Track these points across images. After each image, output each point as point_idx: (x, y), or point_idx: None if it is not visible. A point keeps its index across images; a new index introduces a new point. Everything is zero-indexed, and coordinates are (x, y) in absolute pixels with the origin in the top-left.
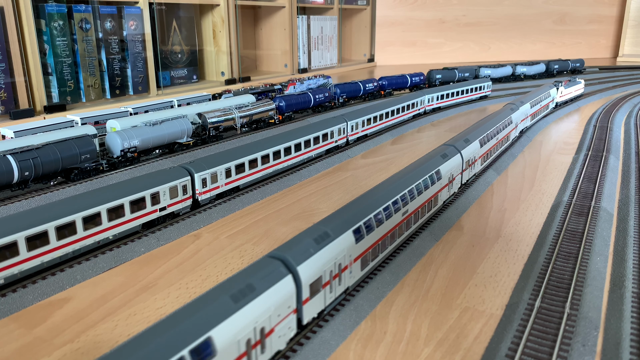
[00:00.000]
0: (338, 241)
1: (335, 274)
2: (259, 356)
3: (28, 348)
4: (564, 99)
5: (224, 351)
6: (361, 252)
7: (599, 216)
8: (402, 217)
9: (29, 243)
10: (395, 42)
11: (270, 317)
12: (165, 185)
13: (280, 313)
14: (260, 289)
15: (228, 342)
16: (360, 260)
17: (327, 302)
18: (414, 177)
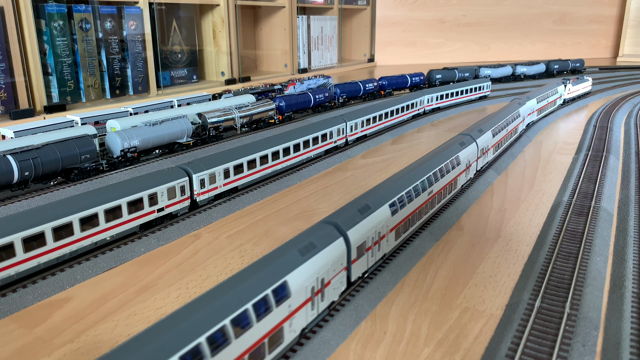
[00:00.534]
0: (378, 212)
1: (376, 240)
2: (319, 303)
3: (28, 348)
4: (571, 95)
5: (296, 294)
6: (396, 223)
7: (599, 216)
8: (427, 197)
9: (25, 244)
10: (395, 42)
11: (328, 270)
12: (163, 186)
13: (335, 268)
14: (320, 246)
15: (299, 287)
16: (394, 231)
17: (369, 265)
18: (437, 161)
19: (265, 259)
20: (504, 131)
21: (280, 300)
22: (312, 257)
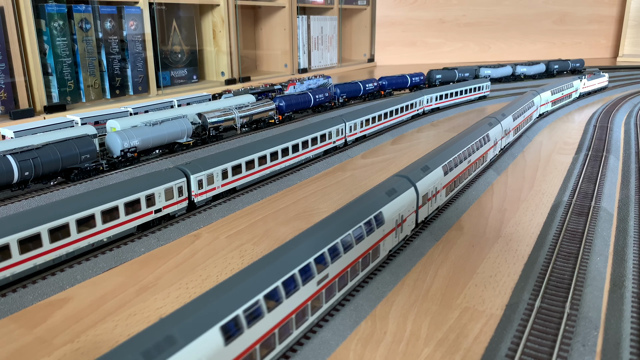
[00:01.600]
0: (435, 172)
1: (434, 193)
2: (400, 233)
3: (28, 348)
4: (587, 89)
5: (388, 222)
6: (447, 182)
7: (599, 216)
8: (467, 164)
9: (21, 246)
10: (395, 42)
11: (405, 209)
12: (160, 186)
13: (410, 209)
14: (400, 191)
15: (389, 217)
16: (446, 189)
17: (429, 212)
18: (472, 137)
19: (364, 197)
20: (521, 117)
21: (379, 224)
22: (395, 198)
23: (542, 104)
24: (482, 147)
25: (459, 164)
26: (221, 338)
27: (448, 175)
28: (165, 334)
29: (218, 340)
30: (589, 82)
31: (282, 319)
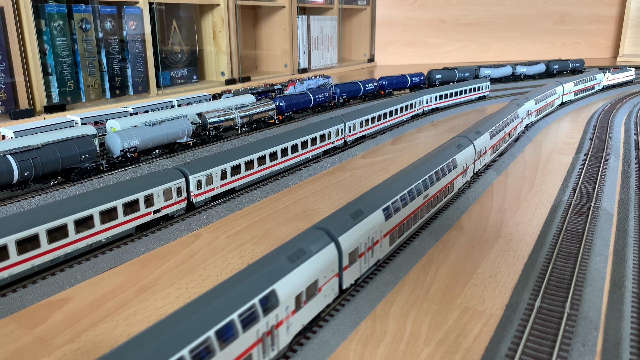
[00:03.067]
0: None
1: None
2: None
3: (28, 348)
4: (611, 82)
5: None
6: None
7: (599, 216)
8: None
9: (19, 246)
10: (395, 42)
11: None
12: (159, 187)
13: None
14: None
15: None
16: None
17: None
18: (509, 111)
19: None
20: (543, 101)
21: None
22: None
23: (564, 93)
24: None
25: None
26: None
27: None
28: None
29: None
30: (613, 75)
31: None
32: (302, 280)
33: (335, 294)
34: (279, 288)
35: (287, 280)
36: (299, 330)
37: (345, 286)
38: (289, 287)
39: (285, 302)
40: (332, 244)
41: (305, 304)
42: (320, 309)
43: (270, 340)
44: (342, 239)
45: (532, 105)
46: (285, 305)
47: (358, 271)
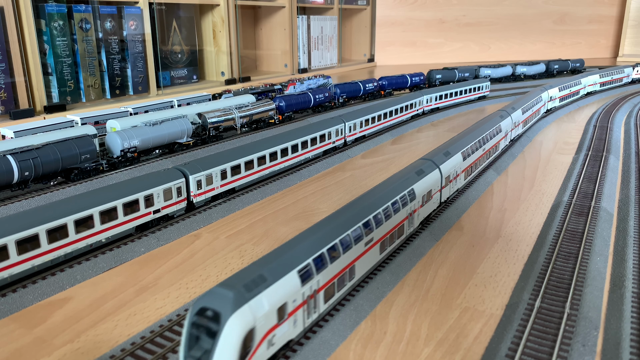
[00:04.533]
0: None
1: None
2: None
3: (28, 348)
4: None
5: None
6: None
7: (599, 216)
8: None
9: (19, 247)
10: (395, 42)
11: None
12: (159, 187)
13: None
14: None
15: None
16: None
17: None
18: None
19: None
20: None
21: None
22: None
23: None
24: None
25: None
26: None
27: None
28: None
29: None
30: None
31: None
32: (424, 187)
33: (437, 204)
34: (416, 188)
35: (419, 184)
36: (423, 219)
37: (442, 200)
38: (419, 189)
39: (418, 198)
40: (437, 170)
41: (426, 203)
42: (431, 210)
43: (413, 218)
44: (442, 167)
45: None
46: (418, 200)
47: (448, 191)
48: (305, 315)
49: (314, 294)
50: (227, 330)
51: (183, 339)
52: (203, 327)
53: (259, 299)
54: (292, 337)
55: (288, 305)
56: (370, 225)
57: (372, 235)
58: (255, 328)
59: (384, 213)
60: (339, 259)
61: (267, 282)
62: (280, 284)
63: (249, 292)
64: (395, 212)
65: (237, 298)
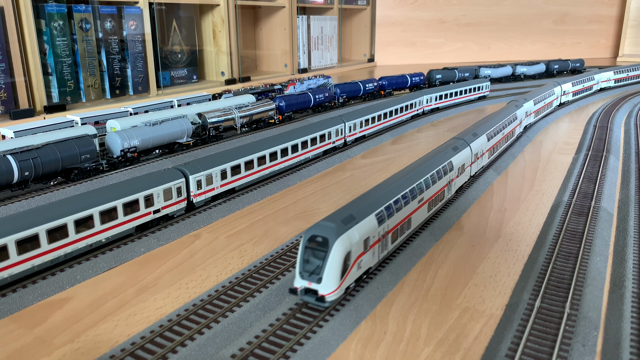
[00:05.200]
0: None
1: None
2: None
3: (28, 348)
4: None
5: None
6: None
7: (599, 216)
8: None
9: (19, 246)
10: (395, 42)
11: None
12: (159, 187)
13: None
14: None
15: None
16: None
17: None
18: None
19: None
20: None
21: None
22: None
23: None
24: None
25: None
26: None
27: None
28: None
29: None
30: None
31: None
32: (459, 160)
33: (468, 177)
34: (453, 161)
35: (455, 158)
36: (457, 188)
37: (472, 174)
38: (456, 162)
39: (455, 169)
40: (468, 147)
41: (460, 175)
42: (463, 181)
43: (451, 186)
44: (472, 145)
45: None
46: (454, 171)
47: (476, 167)
48: (380, 250)
49: (385, 235)
50: (334, 251)
51: (298, 259)
52: (314, 249)
53: (353, 231)
54: (371, 265)
55: (370, 239)
56: (422, 187)
57: (422, 195)
58: (351, 252)
59: (431, 178)
60: (401, 211)
61: (356, 220)
62: (364, 222)
63: (345, 225)
64: (439, 179)
65: (338, 229)
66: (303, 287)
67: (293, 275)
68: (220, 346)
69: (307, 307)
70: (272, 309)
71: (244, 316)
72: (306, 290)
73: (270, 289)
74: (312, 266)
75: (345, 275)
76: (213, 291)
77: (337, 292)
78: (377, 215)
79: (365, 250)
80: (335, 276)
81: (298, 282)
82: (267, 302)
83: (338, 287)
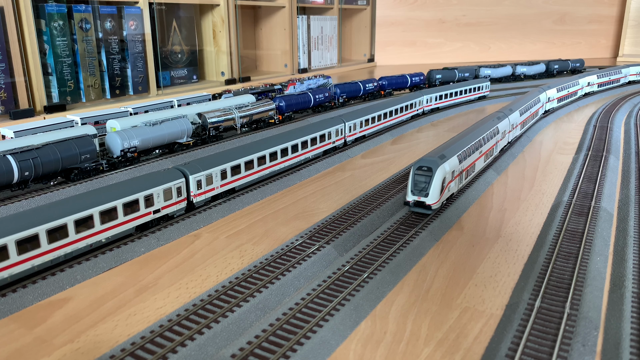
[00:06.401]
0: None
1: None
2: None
3: (28, 348)
4: None
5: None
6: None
7: (599, 216)
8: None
9: (19, 247)
10: (395, 42)
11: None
12: (159, 187)
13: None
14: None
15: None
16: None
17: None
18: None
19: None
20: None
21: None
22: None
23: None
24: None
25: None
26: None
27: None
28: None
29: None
30: None
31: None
32: (503, 126)
33: (507, 142)
34: (499, 126)
35: (500, 124)
36: (500, 149)
37: (509, 140)
38: (501, 127)
39: (500, 133)
40: (507, 118)
41: (502, 139)
42: (503, 145)
43: (497, 146)
44: (510, 117)
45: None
46: (499, 135)
47: (512, 135)
48: (458, 182)
49: (462, 172)
50: (436, 175)
51: (410, 181)
52: (423, 174)
53: (446, 164)
54: (453, 191)
55: (454, 172)
56: (482, 142)
57: (481, 149)
58: (445, 178)
59: (487, 137)
60: (470, 157)
61: (446, 158)
62: (452, 159)
63: (441, 159)
64: (490, 138)
65: (439, 161)
66: (414, 200)
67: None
68: (220, 346)
69: (307, 307)
70: (272, 309)
71: (244, 316)
72: (415, 203)
73: (270, 289)
74: (421, 185)
75: (442, 193)
76: (213, 291)
77: (438, 203)
78: (458, 156)
79: (452, 179)
80: (437, 192)
81: (410, 197)
82: (267, 302)
83: (438, 200)
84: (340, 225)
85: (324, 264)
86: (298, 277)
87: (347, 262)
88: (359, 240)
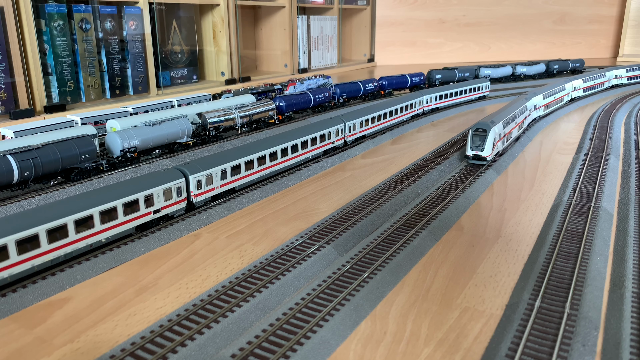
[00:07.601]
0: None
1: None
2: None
3: (28, 348)
4: None
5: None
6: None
7: (599, 216)
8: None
9: (19, 247)
10: (395, 42)
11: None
12: (159, 187)
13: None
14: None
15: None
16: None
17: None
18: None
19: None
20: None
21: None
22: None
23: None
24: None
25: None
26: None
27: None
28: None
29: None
30: None
31: None
32: (530, 105)
33: (532, 119)
34: (527, 104)
35: (529, 102)
36: (527, 124)
37: (534, 117)
38: (529, 105)
39: (528, 110)
40: (532, 99)
41: (528, 116)
42: (529, 121)
43: (525, 121)
44: (534, 98)
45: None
46: (527, 112)
47: (537, 113)
48: (502, 143)
49: (504, 136)
50: (490, 134)
51: (469, 139)
52: (479, 135)
53: (496, 127)
54: (499, 149)
55: (501, 135)
56: (517, 114)
57: (516, 120)
58: (495, 137)
59: (520, 111)
60: (510, 125)
61: (495, 122)
62: (499, 124)
63: (492, 124)
64: (521, 114)
65: (490, 124)
66: (472, 154)
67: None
68: (220, 346)
69: (307, 307)
70: (272, 309)
71: (244, 316)
72: (474, 157)
73: (270, 289)
74: (477, 142)
75: (493, 148)
76: (213, 291)
77: (491, 155)
78: (503, 122)
79: (499, 139)
80: (490, 147)
81: (469, 152)
82: (267, 302)
83: (491, 153)
84: (340, 225)
85: (324, 264)
86: (298, 277)
87: (347, 262)
88: (359, 240)
